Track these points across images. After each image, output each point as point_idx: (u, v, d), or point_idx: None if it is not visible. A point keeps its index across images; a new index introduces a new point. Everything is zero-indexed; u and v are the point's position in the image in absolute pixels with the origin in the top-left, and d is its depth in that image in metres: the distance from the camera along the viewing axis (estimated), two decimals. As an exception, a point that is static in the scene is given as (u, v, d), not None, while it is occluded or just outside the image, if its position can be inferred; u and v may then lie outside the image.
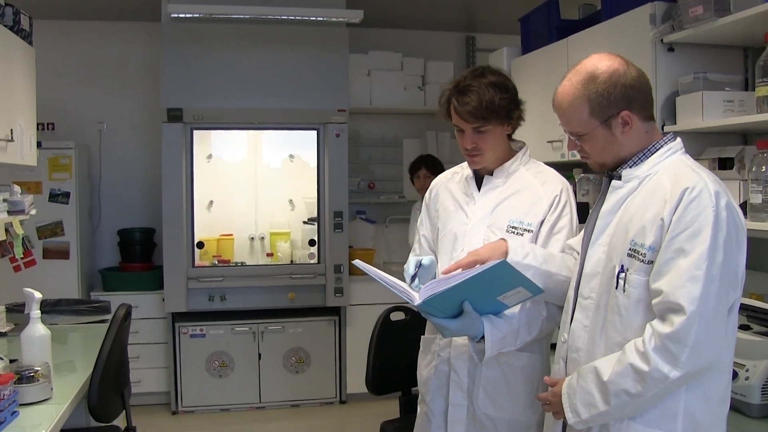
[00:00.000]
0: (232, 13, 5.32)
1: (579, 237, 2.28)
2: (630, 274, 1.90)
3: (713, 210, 1.79)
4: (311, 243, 5.74)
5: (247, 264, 5.71)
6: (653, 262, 1.85)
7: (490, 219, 2.51)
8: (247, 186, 5.92)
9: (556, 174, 2.56)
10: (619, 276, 1.93)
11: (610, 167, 2.07)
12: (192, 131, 5.46)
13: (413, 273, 2.36)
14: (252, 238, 5.90)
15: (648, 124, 2.01)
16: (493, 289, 2.16)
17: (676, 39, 3.10)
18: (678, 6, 3.06)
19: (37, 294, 2.74)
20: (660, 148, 1.99)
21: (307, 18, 5.37)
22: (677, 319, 1.77)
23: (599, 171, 2.14)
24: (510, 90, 2.47)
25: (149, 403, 5.53)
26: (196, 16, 5.28)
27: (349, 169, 5.75)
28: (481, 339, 2.26)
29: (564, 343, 2.14)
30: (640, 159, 2.00)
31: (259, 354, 5.64)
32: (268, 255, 5.81)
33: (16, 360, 2.76)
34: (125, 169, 6.15)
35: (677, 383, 1.81)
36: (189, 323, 5.54)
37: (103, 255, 6.09)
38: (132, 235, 5.85)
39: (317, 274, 5.58)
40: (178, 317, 5.54)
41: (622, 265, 1.93)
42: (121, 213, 6.09)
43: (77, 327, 4.04)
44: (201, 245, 5.57)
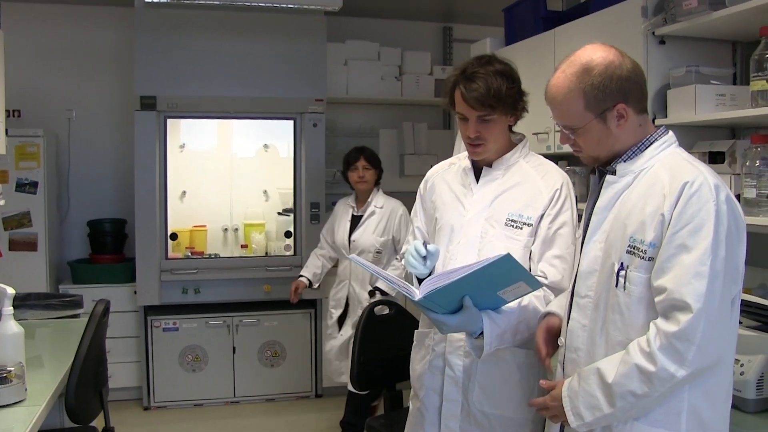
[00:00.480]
0: (208, -1, 5.20)
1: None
2: (630, 271, 1.86)
3: (714, 204, 1.75)
4: (287, 234, 5.66)
5: (221, 256, 5.62)
6: (654, 258, 1.81)
7: (488, 211, 2.46)
8: (221, 176, 5.82)
9: (556, 168, 2.52)
10: (619, 274, 1.88)
11: (603, 161, 2.01)
12: (166, 120, 5.35)
13: (425, 253, 2.30)
14: (226, 229, 5.79)
15: (642, 117, 1.96)
16: (495, 284, 2.11)
17: (668, 32, 3.07)
18: (671, -2, 3.03)
19: (10, 290, 2.60)
20: (654, 141, 1.95)
21: (285, 5, 5.25)
22: (683, 317, 1.73)
23: (591, 165, 2.08)
24: (517, 80, 2.43)
25: (120, 399, 5.39)
26: (170, 1, 5.13)
27: (325, 160, 5.67)
28: (480, 335, 2.21)
29: (562, 347, 2.09)
30: (634, 153, 1.95)
31: (234, 348, 5.54)
32: (242, 247, 5.72)
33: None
34: (95, 158, 5.97)
35: (684, 382, 1.78)
36: (162, 316, 5.43)
37: (73, 247, 5.92)
38: (102, 227, 5.69)
39: (293, 266, 5.47)
40: (150, 310, 5.44)
41: (621, 263, 1.88)
42: (91, 203, 5.92)
43: (46, 322, 3.90)
44: (174, 237, 5.46)
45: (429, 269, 2.32)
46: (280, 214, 5.76)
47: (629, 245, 1.87)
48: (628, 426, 1.88)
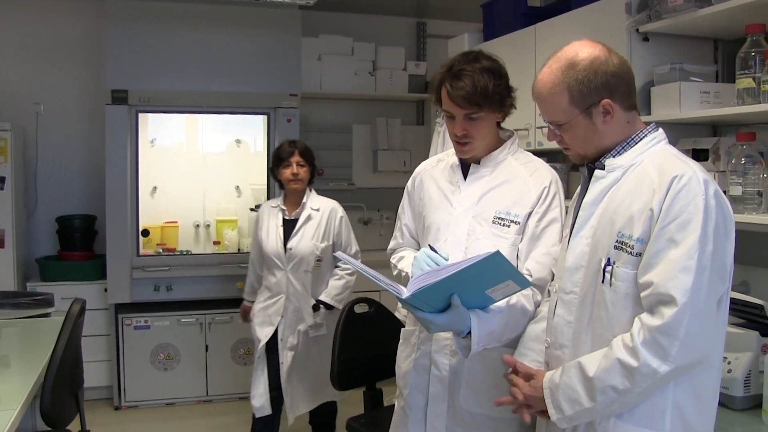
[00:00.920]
0: (180, -9, 5.12)
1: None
2: (617, 267, 1.83)
3: (703, 198, 1.74)
4: (260, 231, 5.55)
5: (193, 253, 5.55)
6: (641, 254, 1.79)
7: (475, 209, 2.42)
8: (192, 172, 5.74)
9: (545, 165, 2.49)
10: (606, 269, 1.86)
11: (591, 159, 1.99)
12: (137, 114, 5.26)
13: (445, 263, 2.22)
14: (197, 225, 5.72)
15: (630, 113, 1.95)
16: (483, 282, 2.07)
17: (652, 29, 3.07)
18: (656, -5, 3.03)
19: (-16, 289, 2.54)
20: (644, 137, 1.94)
21: (259, -2, 5.20)
22: (668, 311, 1.71)
23: (580, 163, 2.06)
24: (504, 77, 2.39)
25: (90, 399, 5.27)
26: (142, -8, 5.05)
27: (298, 155, 5.60)
28: (468, 334, 2.16)
29: (548, 348, 2.06)
30: (623, 148, 1.93)
31: (207, 346, 5.48)
32: (214, 243, 5.66)
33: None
34: (64, 153, 5.83)
35: (667, 378, 1.75)
36: (133, 314, 5.34)
37: (41, 243, 5.78)
38: (72, 223, 5.57)
39: (266, 263, 5.40)
40: (121, 308, 5.35)
41: (608, 258, 1.86)
42: (60, 199, 5.78)
43: (14, 322, 3.81)
44: (146, 233, 5.38)
45: None
46: (252, 210, 5.67)
47: (617, 240, 1.85)
48: (611, 424, 1.85)
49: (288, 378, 4.16)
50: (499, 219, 2.38)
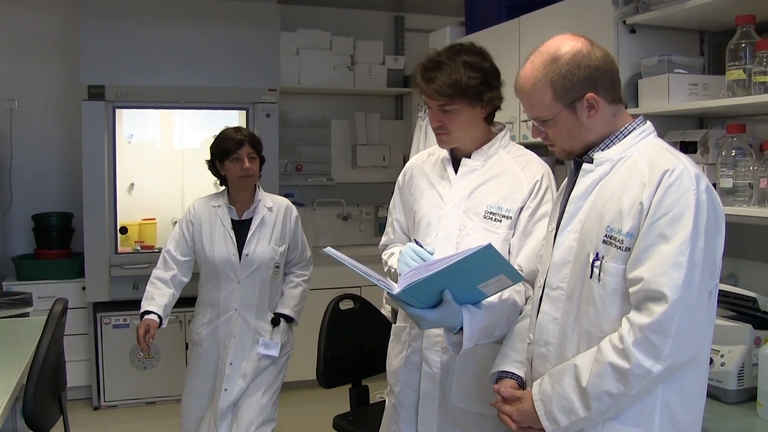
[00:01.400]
0: (157, -16, 5.06)
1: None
2: (606, 262, 1.80)
3: (694, 193, 1.71)
4: (239, 227, 5.45)
5: (172, 250, 5.45)
6: (631, 249, 1.75)
7: (466, 204, 2.39)
8: (169, 168, 5.67)
9: (537, 158, 2.45)
10: (594, 264, 1.82)
11: (577, 154, 1.96)
12: (114, 110, 5.19)
13: (429, 258, 2.21)
14: (176, 222, 5.61)
15: (615, 107, 1.91)
16: (475, 277, 2.04)
17: (639, 21, 3.05)
18: (644, -13, 3.01)
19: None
20: (633, 130, 1.90)
21: (238, -9, 5.16)
22: (658, 309, 1.68)
23: (566, 159, 2.03)
24: (483, 70, 2.33)
25: (69, 399, 5.12)
26: (117, -15, 4.98)
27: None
28: (459, 330, 2.12)
29: (530, 344, 2.02)
30: (612, 141, 1.90)
31: (186, 344, 5.38)
32: (193, 240, 5.56)
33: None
34: (39, 150, 5.73)
35: (660, 378, 1.72)
36: (111, 313, 5.27)
37: (16, 242, 5.69)
38: (48, 221, 5.47)
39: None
40: (99, 307, 5.27)
41: (597, 253, 1.82)
42: (35, 197, 5.68)
43: (-10, 322, 3.74)
44: (124, 230, 5.31)
45: None
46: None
47: (606, 235, 1.81)
48: (601, 424, 1.82)
49: (231, 405, 3.57)
50: (491, 214, 2.35)
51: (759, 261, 2.95)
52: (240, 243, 3.54)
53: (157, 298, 3.56)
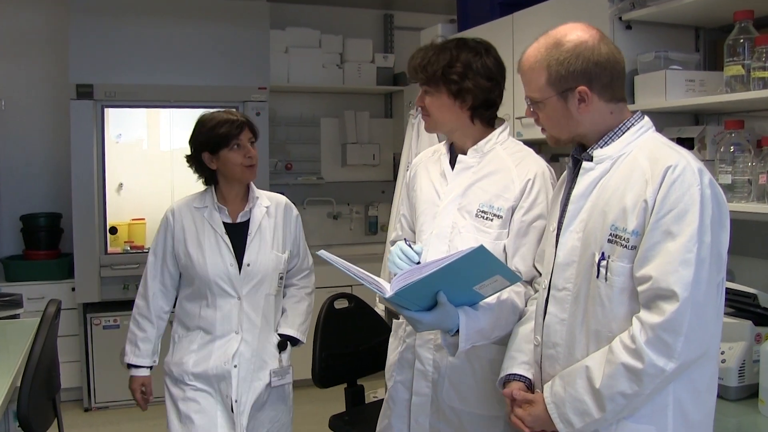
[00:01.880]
0: (146, -18, 5.02)
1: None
2: (612, 261, 1.78)
3: (699, 188, 1.70)
4: (230, 226, 5.38)
5: (162, 250, 5.41)
6: (637, 247, 1.74)
7: (460, 201, 2.36)
8: (158, 167, 5.63)
9: (534, 155, 2.40)
10: (600, 264, 1.81)
11: (564, 143, 1.96)
12: (103, 109, 5.16)
13: (418, 259, 2.23)
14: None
15: (614, 105, 1.89)
16: (470, 279, 2.00)
17: (635, 17, 3.04)
18: (640, -17, 3.00)
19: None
20: (631, 126, 1.89)
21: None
22: (669, 307, 1.67)
23: (554, 146, 2.02)
24: (464, 64, 2.29)
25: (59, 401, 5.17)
26: (106, -17, 4.93)
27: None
28: (456, 332, 2.09)
29: (538, 346, 2.00)
30: (611, 138, 1.88)
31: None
32: (184, 240, 5.51)
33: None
34: (27, 150, 5.67)
35: (673, 376, 1.71)
36: (102, 314, 5.24)
37: (4, 243, 5.63)
38: (37, 221, 5.43)
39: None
40: (89, 308, 5.24)
41: (602, 252, 1.81)
42: (23, 197, 5.63)
43: (-22, 324, 3.68)
44: (114, 231, 5.28)
45: None
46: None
47: (610, 234, 1.80)
48: (614, 424, 1.81)
49: None
50: (482, 212, 2.31)
51: (757, 258, 2.95)
52: (237, 251, 2.91)
53: (142, 345, 3.02)
